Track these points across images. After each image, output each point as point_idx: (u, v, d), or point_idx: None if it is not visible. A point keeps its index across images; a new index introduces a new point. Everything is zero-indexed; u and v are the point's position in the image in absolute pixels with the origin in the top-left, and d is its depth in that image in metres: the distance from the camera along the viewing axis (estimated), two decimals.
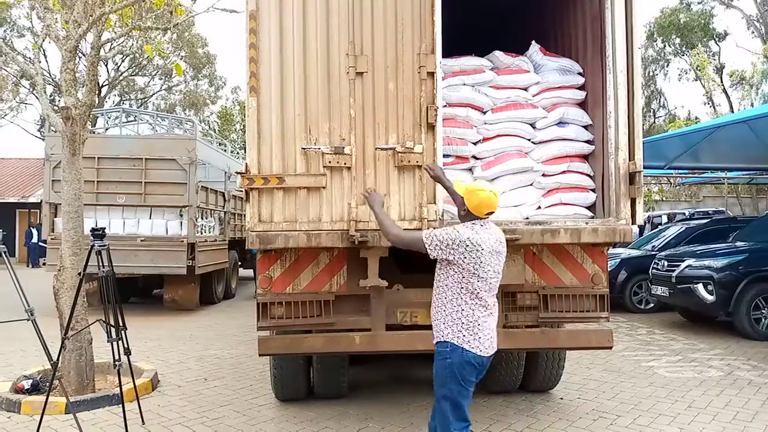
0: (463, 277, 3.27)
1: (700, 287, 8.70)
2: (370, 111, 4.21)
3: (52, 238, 10.40)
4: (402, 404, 5.38)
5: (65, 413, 5.09)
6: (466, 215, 3.38)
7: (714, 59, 29.82)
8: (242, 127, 36.39)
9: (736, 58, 62.56)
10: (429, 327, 4.49)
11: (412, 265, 4.99)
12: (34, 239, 23.47)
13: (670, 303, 9.83)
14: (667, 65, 34.79)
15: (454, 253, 3.26)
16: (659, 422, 5.01)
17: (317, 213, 4.18)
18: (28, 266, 23.09)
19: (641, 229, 14.08)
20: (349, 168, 4.16)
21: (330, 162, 4.15)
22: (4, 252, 4.81)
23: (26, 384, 5.67)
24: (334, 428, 4.79)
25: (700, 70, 27.56)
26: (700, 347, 7.95)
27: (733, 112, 27.18)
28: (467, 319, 3.28)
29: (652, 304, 10.87)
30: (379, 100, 4.21)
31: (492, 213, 3.37)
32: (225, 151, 14.61)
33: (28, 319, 4.72)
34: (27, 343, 7.43)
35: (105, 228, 4.89)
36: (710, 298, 8.58)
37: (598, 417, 5.14)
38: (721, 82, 29.30)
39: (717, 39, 31.06)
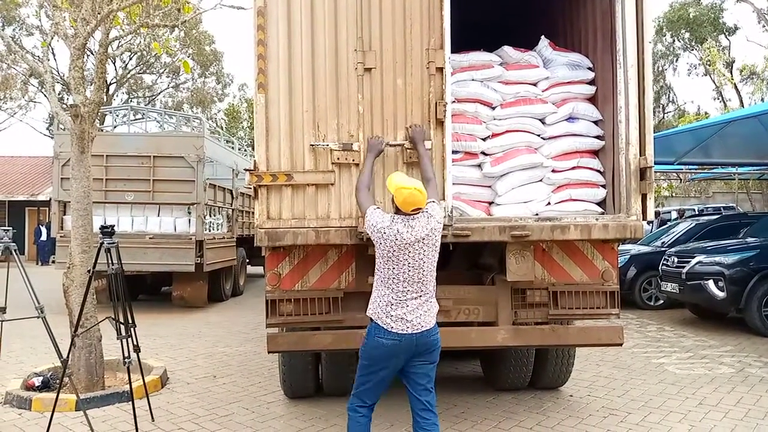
0: (380, 262, 3.48)
1: (710, 283, 8.64)
2: (378, 107, 4.19)
3: (61, 236, 10.46)
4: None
5: (75, 410, 5.11)
6: (396, 210, 3.48)
7: (724, 54, 29.57)
8: (249, 124, 36.48)
9: (747, 53, 62.11)
10: (438, 324, 4.50)
11: None
12: (43, 237, 23.61)
13: (680, 299, 9.77)
14: (677, 60, 34.61)
15: (372, 237, 3.51)
16: (670, 419, 4.98)
17: (326, 210, 4.17)
18: (37, 264, 23.25)
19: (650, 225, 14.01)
20: (357, 164, 4.14)
21: (338, 158, 4.13)
22: (15, 250, 4.83)
23: (37, 381, 5.70)
24: (343, 425, 4.75)
25: (710, 64, 27.35)
26: (710, 344, 7.90)
27: (743, 107, 26.98)
28: (382, 300, 3.46)
29: (662, 301, 10.80)
30: (388, 96, 4.19)
31: (419, 210, 3.43)
32: (233, 148, 14.62)
33: (38, 317, 4.73)
34: (37, 341, 7.47)
35: (114, 225, 4.89)
36: (721, 294, 8.51)
37: (608, 414, 5.12)
38: (732, 76, 29.07)
39: (727, 33, 30.82)
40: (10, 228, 5.00)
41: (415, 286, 3.43)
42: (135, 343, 4.85)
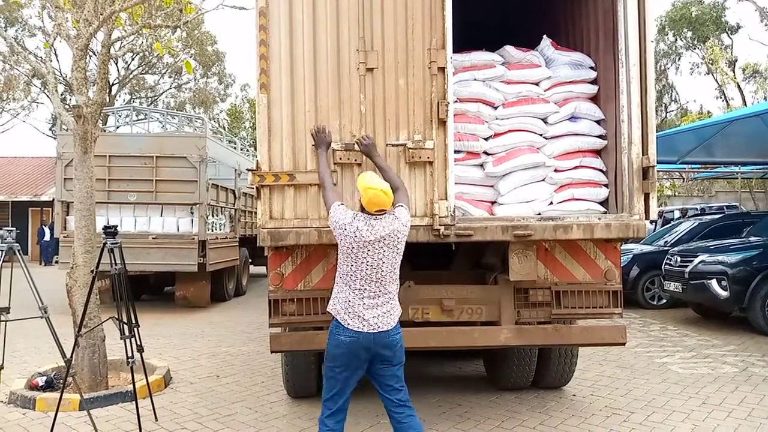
0: (341, 258, 3.50)
1: (713, 283, 8.63)
2: (380, 107, 4.19)
3: (64, 236, 10.48)
4: (414, 401, 5.33)
5: (79, 410, 5.13)
6: (361, 209, 3.49)
7: (727, 52, 29.51)
8: (252, 124, 36.52)
9: (750, 51, 61.93)
10: (441, 324, 4.52)
11: (423, 262, 4.99)
12: (47, 237, 23.66)
13: (683, 299, 9.75)
14: (679, 59, 34.53)
15: (334, 233, 3.53)
16: (673, 419, 4.97)
17: None
18: (40, 264, 23.30)
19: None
20: (359, 164, 4.14)
21: (341, 158, 4.13)
22: (18, 250, 4.84)
23: (40, 381, 5.72)
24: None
25: (713, 63, 27.30)
26: (713, 343, 7.89)
27: (746, 105, 26.92)
28: (342, 295, 3.48)
29: (664, 300, 10.78)
30: (390, 96, 4.19)
31: (383, 211, 3.44)
32: (235, 148, 14.64)
33: (41, 317, 4.75)
34: (41, 341, 7.49)
35: (117, 226, 4.91)
36: (724, 293, 8.50)
37: (611, 414, 5.11)
38: (734, 75, 29.01)
39: (729, 32, 30.76)
40: (14, 228, 5.01)
41: (373, 285, 3.44)
42: (138, 343, 4.86)
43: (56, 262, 13.34)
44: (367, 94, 4.17)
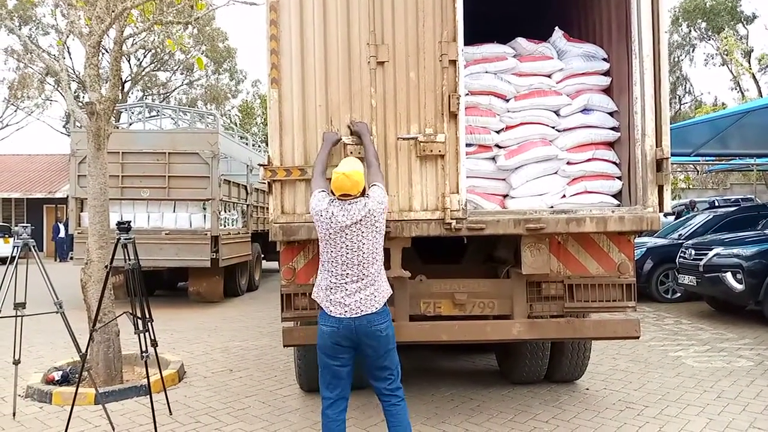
0: (321, 246, 3.53)
1: (728, 276, 8.54)
2: (391, 100, 4.17)
3: (78, 233, 10.58)
4: (426, 394, 5.38)
5: (94, 404, 5.18)
6: (331, 192, 3.55)
7: (742, 43, 29.14)
8: (263, 120, 36.60)
9: (766, 41, 61.10)
10: (452, 318, 4.51)
11: (434, 256, 4.98)
12: (62, 234, 23.90)
13: (698, 292, 9.68)
14: (693, 50, 34.17)
15: (313, 219, 3.57)
16: (687, 413, 4.94)
17: None
18: (55, 260, 23.54)
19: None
20: None
21: (351, 153, 4.12)
22: (33, 246, 4.89)
23: (56, 375, 5.78)
24: (359, 418, 4.80)
25: (727, 54, 26.97)
26: (728, 337, 7.82)
27: (762, 96, 26.57)
28: (323, 283, 3.53)
29: (678, 294, 10.70)
30: (401, 90, 4.17)
31: (348, 196, 3.47)
32: (246, 144, 14.68)
33: (57, 312, 4.80)
34: (56, 336, 7.57)
35: (130, 221, 4.94)
36: (739, 287, 8.42)
37: (624, 407, 5.09)
38: (750, 66, 28.64)
39: (745, 22, 30.37)
40: (29, 225, 5.07)
41: (355, 269, 3.45)
42: (152, 337, 4.89)
43: (71, 258, 13.47)
44: (377, 88, 4.16)
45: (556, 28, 4.96)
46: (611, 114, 4.72)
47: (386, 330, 3.52)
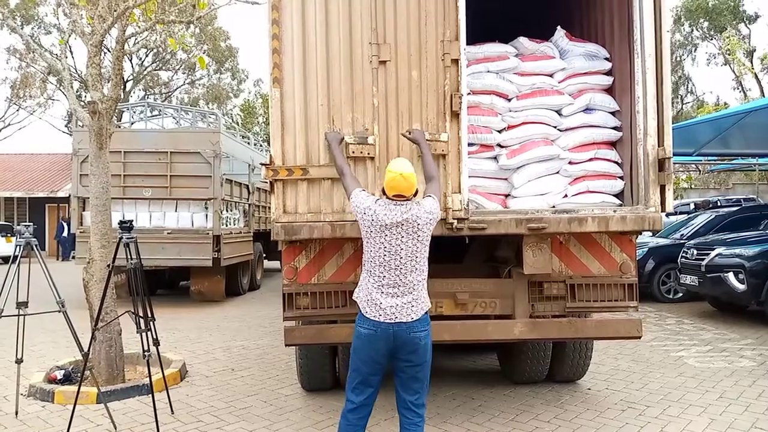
0: (364, 245, 3.45)
1: (730, 276, 8.53)
2: (393, 100, 4.17)
3: (81, 232, 10.59)
4: (429, 393, 5.37)
5: (96, 403, 5.18)
6: (382, 192, 3.48)
7: (744, 42, 29.09)
8: (265, 119, 36.63)
9: None
10: (455, 317, 4.51)
11: (436, 256, 4.98)
12: (65, 233, 23.92)
13: (700, 292, 9.66)
14: (695, 50, 34.12)
15: (357, 218, 3.48)
16: (689, 413, 4.93)
17: (341, 203, 4.16)
18: (57, 259, 23.56)
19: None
20: (372, 158, 4.14)
21: (353, 152, 4.13)
22: (35, 245, 4.90)
23: (59, 374, 5.79)
24: None
25: (730, 54, 26.93)
26: (730, 337, 7.81)
27: (764, 96, 26.53)
28: (364, 283, 3.46)
29: (680, 294, 10.69)
30: (403, 89, 4.17)
31: (401, 197, 3.38)
32: (248, 143, 14.69)
33: (59, 311, 4.81)
34: (58, 335, 7.58)
35: (132, 221, 4.94)
36: (741, 287, 8.40)
37: (626, 407, 5.08)
38: (752, 66, 28.60)
39: (747, 22, 30.32)
40: (31, 224, 5.07)
41: (392, 273, 3.34)
42: (154, 336, 4.90)
43: (74, 257, 13.49)
44: (380, 87, 4.16)
45: (558, 27, 4.95)
46: (613, 113, 4.72)
47: (425, 338, 3.41)
